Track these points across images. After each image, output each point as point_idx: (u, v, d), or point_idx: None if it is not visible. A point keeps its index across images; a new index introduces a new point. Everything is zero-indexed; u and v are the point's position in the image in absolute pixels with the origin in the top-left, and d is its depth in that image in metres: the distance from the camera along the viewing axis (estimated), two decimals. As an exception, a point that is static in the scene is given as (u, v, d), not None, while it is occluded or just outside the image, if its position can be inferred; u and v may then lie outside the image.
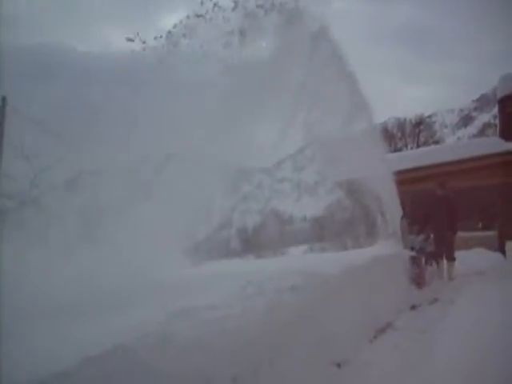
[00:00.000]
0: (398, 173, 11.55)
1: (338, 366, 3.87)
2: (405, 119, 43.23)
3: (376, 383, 3.54)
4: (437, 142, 37.92)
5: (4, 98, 14.64)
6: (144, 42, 5.12)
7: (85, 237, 4.57)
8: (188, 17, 5.25)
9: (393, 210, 7.40)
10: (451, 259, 7.87)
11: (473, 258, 9.33)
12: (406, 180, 11.64)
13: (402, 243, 7.16)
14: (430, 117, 65.64)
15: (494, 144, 12.59)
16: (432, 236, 8.17)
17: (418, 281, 6.83)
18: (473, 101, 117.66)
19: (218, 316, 2.89)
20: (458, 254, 9.83)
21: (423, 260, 7.43)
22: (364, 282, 4.93)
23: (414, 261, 6.96)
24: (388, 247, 6.63)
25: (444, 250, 7.92)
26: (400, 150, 36.22)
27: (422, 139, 40.33)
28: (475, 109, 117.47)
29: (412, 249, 7.42)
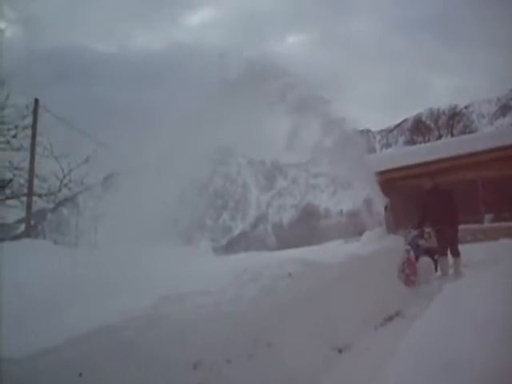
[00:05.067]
0: (418, 165, 11.49)
1: (339, 351, 3.97)
2: (438, 110, 42.25)
3: (372, 368, 3.62)
4: (472, 133, 36.82)
5: (37, 101, 15.00)
6: None
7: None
8: None
9: (377, 200, 7.23)
10: (455, 255, 7.18)
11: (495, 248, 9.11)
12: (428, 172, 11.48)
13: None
14: (466, 107, 63.70)
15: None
16: (427, 231, 7.68)
17: (407, 279, 6.37)
18: (510, 90, 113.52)
19: (209, 301, 3.04)
20: (483, 244, 9.66)
21: (414, 257, 6.78)
22: (367, 272, 4.98)
23: (404, 258, 6.51)
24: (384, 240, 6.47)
25: (446, 246, 7.37)
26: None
27: (457, 130, 39.23)
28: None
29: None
